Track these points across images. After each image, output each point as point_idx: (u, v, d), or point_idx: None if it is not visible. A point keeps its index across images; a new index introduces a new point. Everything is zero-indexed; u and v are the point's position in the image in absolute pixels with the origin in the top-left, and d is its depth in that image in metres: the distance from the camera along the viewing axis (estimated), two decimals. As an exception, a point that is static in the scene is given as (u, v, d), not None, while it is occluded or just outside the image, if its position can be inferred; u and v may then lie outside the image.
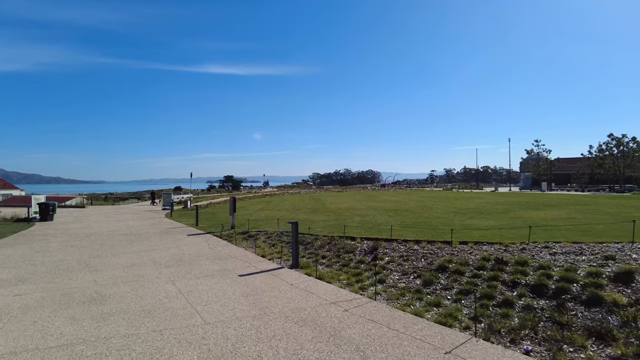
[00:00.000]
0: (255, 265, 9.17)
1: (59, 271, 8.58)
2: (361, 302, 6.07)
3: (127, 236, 14.56)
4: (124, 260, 9.82)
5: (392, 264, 8.85)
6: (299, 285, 7.16)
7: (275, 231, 14.35)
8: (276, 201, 36.00)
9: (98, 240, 13.46)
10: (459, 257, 8.50)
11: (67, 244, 12.64)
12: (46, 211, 21.12)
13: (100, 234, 15.22)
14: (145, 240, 13.33)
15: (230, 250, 11.19)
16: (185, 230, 16.10)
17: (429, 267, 8.22)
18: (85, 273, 8.39)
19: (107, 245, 12.31)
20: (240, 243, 12.60)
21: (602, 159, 58.15)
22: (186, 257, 10.16)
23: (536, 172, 70.51)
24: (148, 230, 16.56)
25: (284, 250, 11.11)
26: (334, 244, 11.38)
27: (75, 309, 5.82)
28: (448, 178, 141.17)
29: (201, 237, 14.15)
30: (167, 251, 11.14)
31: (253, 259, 9.88)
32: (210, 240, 13.16)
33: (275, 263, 9.51)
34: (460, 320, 5.34)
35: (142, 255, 10.58)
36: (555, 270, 6.67)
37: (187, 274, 8.26)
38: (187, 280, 7.63)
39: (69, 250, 11.52)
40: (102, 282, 7.55)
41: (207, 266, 9.03)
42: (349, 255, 10.14)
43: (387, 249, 10.31)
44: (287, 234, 13.61)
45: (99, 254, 10.85)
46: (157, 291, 6.85)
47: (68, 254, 10.77)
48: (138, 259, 9.97)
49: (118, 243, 12.83)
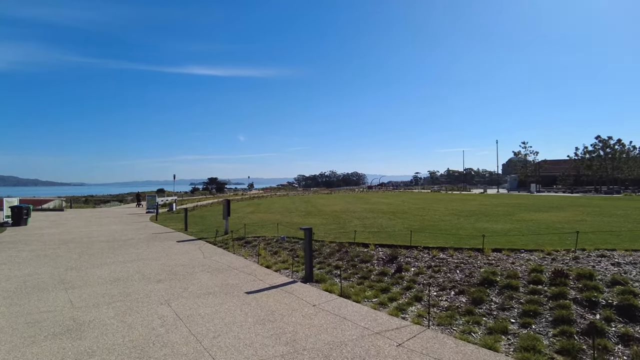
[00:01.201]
0: (262, 278, 7.86)
1: (26, 289, 7.11)
2: (412, 331, 4.84)
3: (110, 243, 13.03)
4: (106, 273, 8.38)
5: (421, 276, 7.68)
6: (323, 307, 5.89)
7: (274, 237, 13.04)
8: (266, 203, 34.61)
9: (77, 248, 11.90)
10: (500, 267, 7.38)
11: (40, 253, 11.07)
12: (19, 215, 19.29)
13: (80, 241, 13.64)
14: (131, 248, 11.84)
15: (229, 260, 9.84)
16: (174, 236, 14.64)
17: (468, 280, 7.08)
18: (59, 291, 6.95)
19: (87, 255, 10.80)
20: (238, 251, 11.25)
21: (590, 160, 58.50)
22: (179, 269, 8.78)
23: (523, 173, 70.79)
24: (133, 235, 15.03)
25: (290, 259, 9.83)
26: (345, 252, 10.16)
27: (42, 346, 4.43)
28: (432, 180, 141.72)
29: (193, 244, 12.73)
30: (157, 261, 9.72)
31: (257, 271, 8.57)
32: (204, 248, 11.76)
33: (284, 276, 8.23)
34: (553, 358, 4.16)
35: (127, 266, 9.14)
36: (638, 287, 5.57)
37: (184, 291, 6.90)
38: (184, 300, 6.29)
39: (41, 260, 9.98)
40: (80, 304, 6.14)
41: (206, 280, 7.68)
42: (365, 265, 8.94)
43: (409, 257, 9.15)
44: (289, 240, 12.34)
45: (77, 265, 9.36)
46: (150, 316, 5.50)
47: (40, 266, 9.25)
48: (123, 272, 8.54)
49: (99, 251, 11.32)
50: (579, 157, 61.46)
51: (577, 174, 64.81)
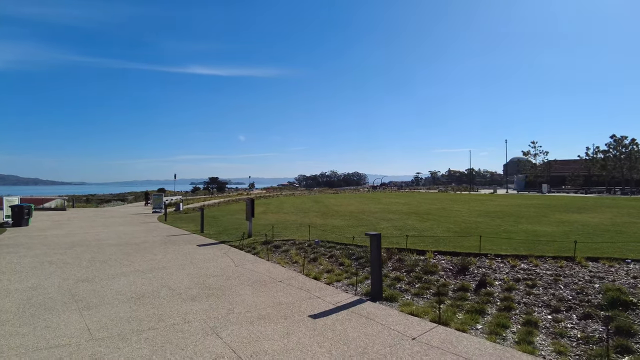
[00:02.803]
0: (319, 294, 6.44)
1: (31, 309, 5.68)
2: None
3: (122, 247, 11.60)
4: (125, 287, 6.95)
5: (515, 292, 6.25)
6: (427, 341, 4.43)
7: (305, 240, 11.63)
8: (275, 203, 33.18)
9: (86, 253, 10.47)
10: (620, 283, 5.96)
11: (45, 259, 9.64)
12: (20, 215, 17.86)
13: (87, 244, 12.20)
14: (148, 254, 10.40)
15: (266, 269, 8.40)
16: (192, 239, 13.21)
17: (584, 298, 5.66)
18: (71, 312, 5.52)
19: (98, 261, 9.37)
20: (269, 257, 9.83)
21: (604, 160, 56.98)
22: (212, 281, 7.35)
23: (532, 173, 69.32)
24: (145, 238, 13.60)
25: (335, 268, 8.42)
26: (398, 260, 8.75)
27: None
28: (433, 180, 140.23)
29: (216, 248, 11.29)
30: (182, 270, 8.29)
31: (307, 284, 7.14)
32: (231, 254, 10.33)
33: (341, 290, 6.79)
34: None
35: (149, 277, 7.71)
36: None
37: (229, 313, 5.48)
38: (236, 328, 4.86)
39: (47, 269, 8.54)
40: (100, 333, 4.72)
41: (251, 297, 6.25)
42: (431, 277, 7.51)
43: (481, 267, 7.73)
44: (324, 245, 10.93)
45: (89, 275, 7.93)
46: (199, 355, 4.07)
47: (46, 276, 7.82)
48: (146, 284, 7.11)
49: (112, 257, 9.89)
50: (590, 157, 60.13)
51: (587, 174, 63.30)
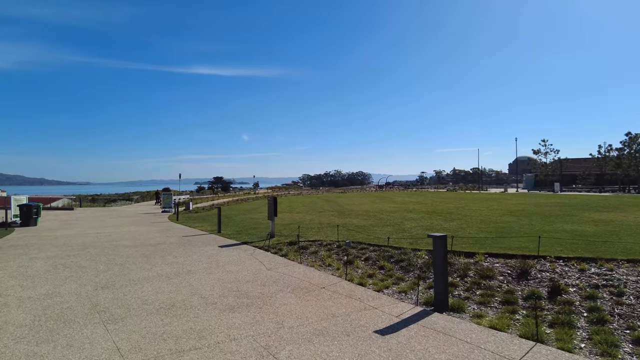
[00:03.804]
0: (372, 304, 5.64)
1: (47, 322, 4.92)
2: None
3: (138, 248, 10.87)
4: (151, 294, 6.19)
5: (599, 301, 5.43)
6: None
7: (333, 241, 10.85)
8: (285, 203, 32.41)
9: (101, 255, 9.74)
10: None
11: (58, 262, 8.92)
12: (29, 214, 17.21)
13: (101, 245, 11.48)
14: (168, 256, 9.65)
15: (301, 274, 7.61)
16: (210, 240, 12.46)
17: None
18: (95, 326, 4.76)
19: (116, 265, 8.62)
20: (298, 258, 9.06)
21: (619, 158, 55.79)
22: (247, 288, 6.57)
23: (543, 172, 68.14)
24: (161, 239, 12.86)
25: (377, 273, 7.63)
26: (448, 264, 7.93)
27: None
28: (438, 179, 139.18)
29: (240, 249, 10.53)
30: (210, 275, 7.52)
31: (356, 292, 6.33)
32: (257, 255, 9.56)
33: (395, 299, 5.99)
34: None
35: (175, 283, 6.94)
36: None
37: (279, 327, 4.69)
38: (295, 349, 4.07)
39: (61, 273, 7.80)
40: (133, 356, 3.94)
41: (297, 307, 5.47)
42: (489, 282, 6.71)
43: (544, 271, 6.92)
44: (354, 246, 10.15)
45: (109, 280, 7.18)
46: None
47: (61, 282, 7.07)
48: (174, 291, 6.35)
49: (130, 260, 9.14)
50: (602, 155, 59.09)
51: (600, 172, 62.10)
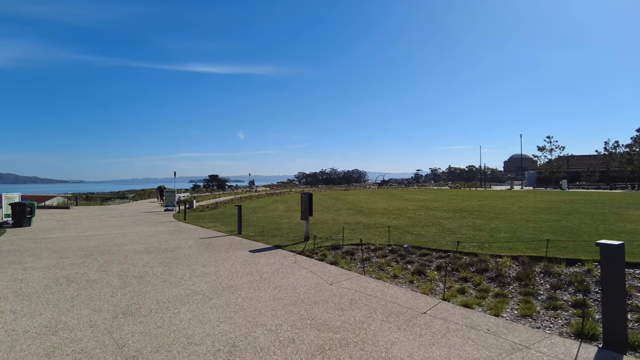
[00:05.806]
0: (515, 339, 3.97)
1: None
2: None
3: (153, 255, 9.11)
4: (195, 325, 4.46)
5: None
6: None
7: (383, 244, 9.23)
8: (292, 201, 30.77)
9: (111, 264, 7.98)
10: None
11: (60, 274, 7.15)
12: (22, 214, 15.37)
13: (108, 251, 9.71)
14: (194, 264, 7.91)
15: (378, 290, 5.91)
16: (233, 242, 10.73)
17: None
18: (130, 391, 3.06)
19: (133, 277, 6.87)
20: (357, 268, 7.39)
21: (629, 154, 54.68)
22: (320, 314, 4.87)
23: (548, 169, 67.07)
24: (175, 242, 11.10)
25: (468, 288, 5.99)
26: (546, 273, 6.38)
27: None
28: (434, 177, 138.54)
29: (277, 255, 8.81)
30: (260, 292, 5.81)
31: (475, 319, 4.65)
32: (302, 263, 7.84)
33: (542, 331, 4.33)
34: None
35: (219, 305, 5.23)
36: None
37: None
38: None
39: (65, 291, 6.05)
40: None
41: (416, 349, 3.77)
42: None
43: None
44: (412, 251, 8.53)
45: (130, 301, 5.44)
46: None
47: (68, 304, 5.33)
48: (224, 321, 4.63)
49: (149, 271, 7.38)
50: (608, 152, 58.25)
51: (605, 169, 61.16)
